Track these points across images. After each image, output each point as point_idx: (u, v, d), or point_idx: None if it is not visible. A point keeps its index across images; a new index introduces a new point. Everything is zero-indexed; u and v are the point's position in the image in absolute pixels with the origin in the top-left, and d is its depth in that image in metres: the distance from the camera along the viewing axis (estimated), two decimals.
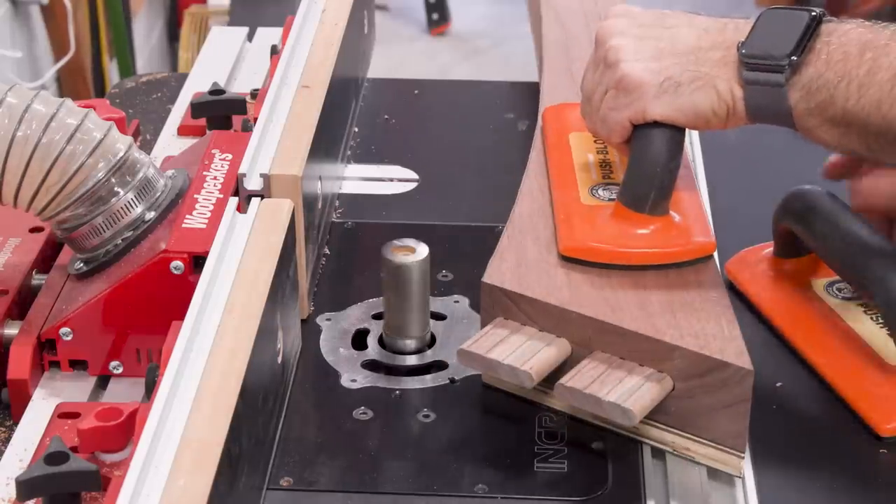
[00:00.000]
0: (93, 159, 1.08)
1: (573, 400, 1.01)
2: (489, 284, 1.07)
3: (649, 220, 1.09)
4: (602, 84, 1.11)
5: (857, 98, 1.01)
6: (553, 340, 1.04)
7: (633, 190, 1.10)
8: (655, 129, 1.08)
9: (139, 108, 1.54)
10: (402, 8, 4.31)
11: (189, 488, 0.83)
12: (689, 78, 1.06)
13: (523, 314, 1.06)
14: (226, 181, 1.16)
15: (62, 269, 1.14)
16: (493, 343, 1.04)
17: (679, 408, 1.01)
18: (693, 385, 1.00)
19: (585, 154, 1.20)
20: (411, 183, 1.41)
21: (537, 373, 1.02)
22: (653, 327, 1.02)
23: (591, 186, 1.15)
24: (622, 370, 1.01)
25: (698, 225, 1.11)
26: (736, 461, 1.01)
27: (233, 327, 0.96)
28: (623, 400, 0.98)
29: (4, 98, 1.07)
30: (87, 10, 3.01)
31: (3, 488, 0.99)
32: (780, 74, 1.03)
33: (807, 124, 1.04)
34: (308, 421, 1.08)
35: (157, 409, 0.88)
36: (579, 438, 1.05)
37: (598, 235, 1.09)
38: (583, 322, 1.04)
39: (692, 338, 1.01)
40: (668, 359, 1.01)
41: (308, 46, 1.35)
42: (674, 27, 1.10)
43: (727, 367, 0.99)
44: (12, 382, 1.08)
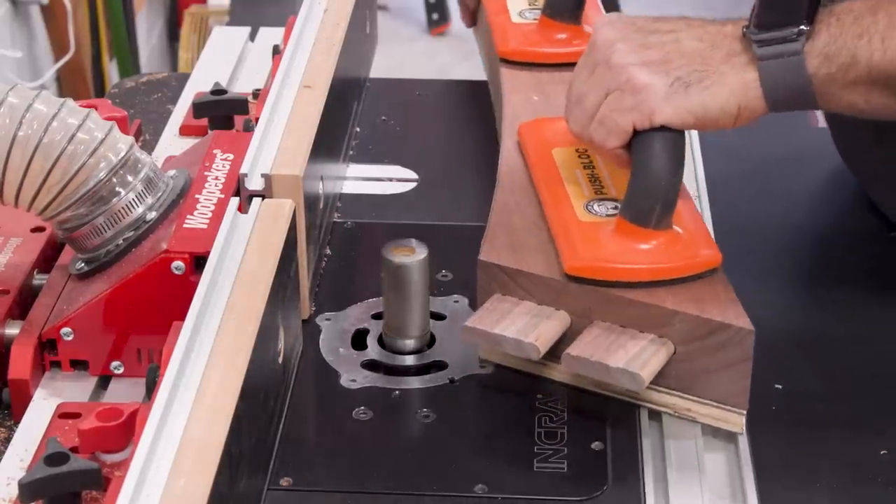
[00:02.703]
0: (94, 159, 1.08)
1: (580, 368, 1.03)
2: (486, 262, 1.09)
3: (654, 235, 1.07)
4: (600, 86, 1.09)
5: (883, 52, 1.02)
6: (553, 313, 1.06)
7: (637, 205, 1.08)
8: (659, 137, 1.06)
9: (139, 107, 1.55)
10: (402, 8, 4.31)
11: (189, 488, 0.83)
12: (697, 78, 1.05)
13: (521, 289, 1.08)
14: (227, 181, 1.16)
15: (63, 269, 1.14)
16: (496, 318, 1.06)
17: (680, 371, 1.04)
18: (694, 348, 1.03)
19: (573, 170, 1.18)
20: (411, 183, 1.41)
21: (543, 344, 1.04)
22: (651, 294, 1.04)
23: (585, 202, 1.14)
24: (624, 337, 1.03)
25: (702, 237, 1.10)
26: (737, 418, 1.03)
27: (233, 327, 0.97)
28: (631, 365, 1.00)
29: (6, 98, 1.07)
30: (87, 10, 3.01)
31: (4, 488, 0.99)
32: (795, 43, 1.03)
33: (829, 90, 1.04)
34: (308, 421, 1.08)
35: (158, 410, 0.88)
36: (579, 438, 1.05)
37: (604, 253, 1.07)
38: (582, 293, 1.05)
39: (691, 303, 1.03)
40: (669, 324, 1.03)
41: (310, 46, 1.35)
42: (673, 31, 1.09)
43: (728, 328, 1.01)
44: (13, 382, 1.08)
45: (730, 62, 1.05)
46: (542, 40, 1.43)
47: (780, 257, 1.31)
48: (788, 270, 1.30)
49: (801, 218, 1.39)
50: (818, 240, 1.35)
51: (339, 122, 1.39)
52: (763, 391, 1.10)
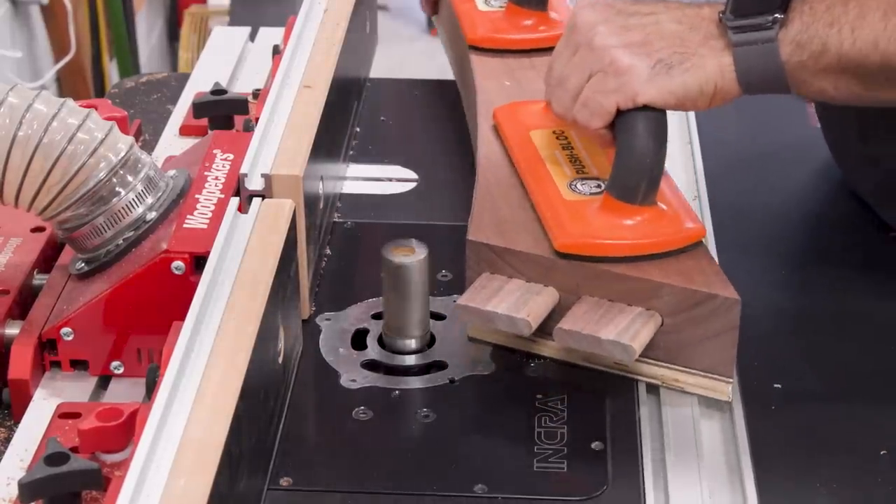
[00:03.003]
0: (94, 159, 1.08)
1: (572, 342, 1.05)
2: (475, 241, 1.11)
3: (640, 211, 1.10)
4: (582, 68, 1.11)
5: (853, 41, 1.04)
6: (542, 290, 1.09)
7: (624, 181, 1.10)
8: (642, 116, 1.08)
9: (139, 108, 1.55)
10: (402, 8, 4.31)
11: (189, 488, 0.83)
12: (678, 60, 1.07)
13: (510, 267, 1.10)
14: (227, 181, 1.16)
15: (63, 269, 1.14)
16: (486, 297, 1.08)
17: (668, 342, 1.07)
18: (681, 319, 1.06)
19: (552, 151, 1.21)
20: (411, 183, 1.41)
21: (534, 319, 1.06)
22: (639, 269, 1.07)
23: (568, 182, 1.16)
24: (613, 310, 1.06)
25: (685, 212, 1.13)
26: (724, 387, 1.07)
27: (233, 328, 0.97)
28: (622, 337, 1.03)
29: (6, 98, 1.07)
30: (87, 9, 3.02)
31: (4, 488, 0.99)
32: (769, 31, 1.06)
33: (800, 76, 1.06)
34: (308, 421, 1.09)
35: (158, 410, 0.88)
36: (579, 438, 1.05)
37: (592, 230, 1.10)
38: (571, 269, 1.08)
39: (678, 275, 1.06)
40: (657, 297, 1.06)
41: (310, 47, 1.35)
42: (652, 13, 1.11)
43: (715, 298, 1.04)
44: (13, 382, 1.08)
45: (707, 45, 1.08)
46: (509, 27, 1.46)
47: (779, 257, 1.31)
48: (788, 270, 1.30)
49: (800, 216, 1.39)
50: (817, 239, 1.35)
51: (339, 122, 1.39)
52: (763, 391, 1.11)
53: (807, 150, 1.45)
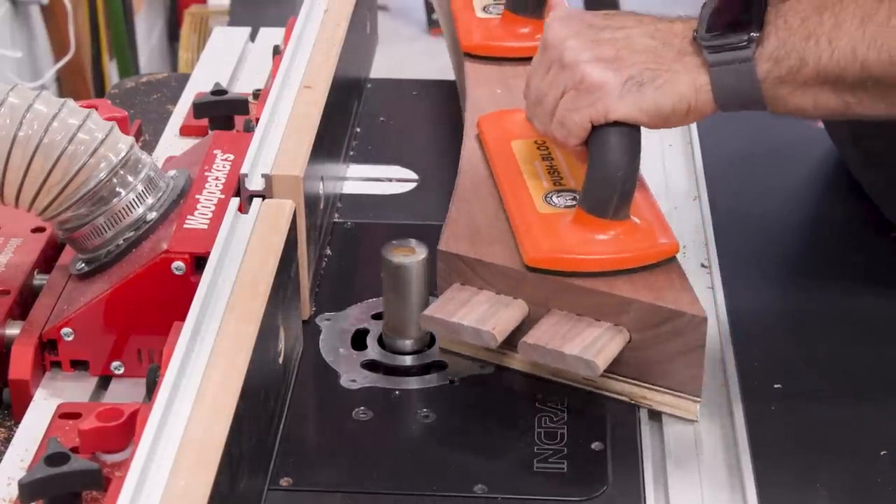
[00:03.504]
0: (94, 159, 1.08)
1: (537, 356, 1.04)
2: (445, 252, 1.10)
3: (612, 226, 1.09)
4: (557, 85, 1.09)
5: (830, 53, 1.02)
6: (511, 302, 1.08)
7: (595, 195, 1.09)
8: (614, 131, 1.07)
9: (139, 108, 1.55)
10: (402, 8, 4.31)
11: (190, 489, 0.83)
12: (650, 77, 1.06)
13: (480, 279, 1.09)
14: (227, 181, 1.16)
15: (64, 270, 1.15)
16: (454, 308, 1.08)
17: (636, 358, 1.06)
18: (649, 335, 1.05)
19: (532, 162, 1.20)
20: (411, 183, 1.41)
21: (500, 332, 1.05)
22: (607, 283, 1.06)
23: (544, 194, 1.15)
24: (581, 325, 1.05)
25: (659, 226, 1.11)
26: (692, 406, 1.06)
27: (234, 328, 0.97)
28: (586, 352, 1.02)
29: (6, 98, 1.07)
30: (87, 10, 3.02)
31: (5, 488, 0.99)
32: (746, 50, 1.04)
33: (778, 93, 1.05)
34: (308, 421, 1.09)
35: (158, 410, 0.88)
36: (579, 438, 1.05)
37: (563, 245, 1.08)
38: (541, 283, 1.07)
39: (646, 291, 1.05)
40: (625, 312, 1.05)
41: (310, 47, 1.35)
42: (625, 27, 1.09)
43: (682, 315, 1.03)
44: (14, 383, 1.08)
45: (681, 61, 1.06)
46: (505, 35, 1.44)
47: (779, 257, 1.31)
48: (788, 270, 1.30)
49: (800, 217, 1.39)
50: (818, 239, 1.35)
51: (340, 123, 1.39)
52: (763, 391, 1.11)
53: (807, 150, 1.46)
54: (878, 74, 1.02)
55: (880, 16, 1.01)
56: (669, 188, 1.38)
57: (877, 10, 1.02)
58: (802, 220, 1.39)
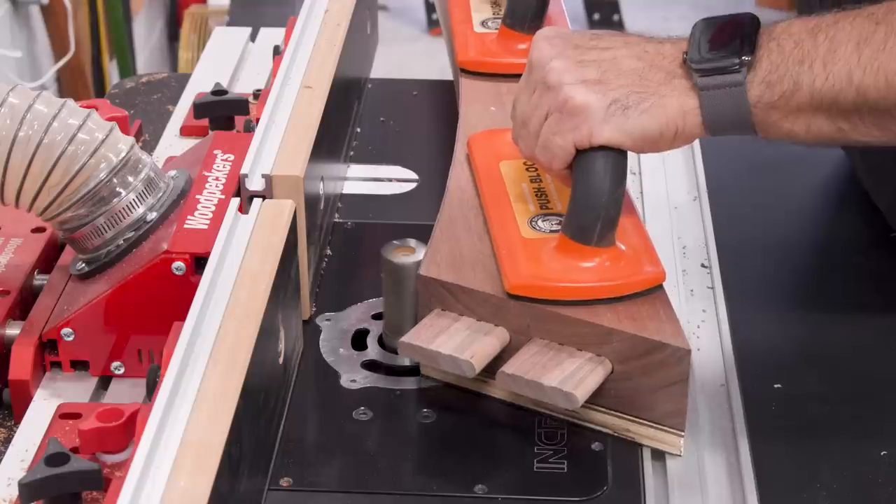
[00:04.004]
0: (94, 160, 1.08)
1: (515, 387, 1.02)
2: (426, 277, 1.08)
3: (596, 253, 1.06)
4: (541, 108, 1.07)
5: (825, 77, 0.99)
6: (491, 329, 1.06)
7: (578, 221, 1.06)
8: (599, 156, 1.04)
9: (139, 108, 1.55)
10: (402, 8, 4.31)
11: (190, 489, 0.83)
12: (636, 100, 1.03)
13: (461, 305, 1.07)
14: (227, 182, 1.16)
15: (64, 270, 1.15)
16: (432, 334, 1.05)
17: (619, 390, 1.03)
18: (632, 367, 1.02)
19: (519, 184, 1.17)
20: (411, 183, 1.41)
21: (478, 361, 1.03)
22: (590, 312, 1.03)
23: (529, 218, 1.12)
24: (562, 355, 1.03)
25: (646, 254, 1.08)
26: (676, 440, 1.03)
27: (234, 328, 0.97)
28: (565, 384, 1.00)
29: (6, 99, 1.07)
30: (87, 10, 3.01)
31: (5, 489, 0.99)
32: (737, 74, 1.01)
33: (770, 118, 1.02)
34: (308, 421, 1.09)
35: (158, 410, 0.88)
36: (579, 438, 1.05)
37: (544, 272, 1.05)
38: (522, 310, 1.05)
39: (629, 321, 1.02)
40: (607, 342, 1.02)
41: (310, 47, 1.35)
42: (611, 48, 1.06)
43: (665, 347, 1.00)
44: (14, 383, 1.08)
45: (670, 84, 1.03)
46: (501, 50, 1.41)
47: (778, 258, 1.31)
48: (787, 270, 1.30)
49: (801, 217, 1.39)
50: (818, 239, 1.35)
51: (340, 123, 1.39)
52: (763, 391, 1.11)
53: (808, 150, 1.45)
54: (874, 99, 0.99)
55: (877, 38, 0.99)
56: (669, 188, 1.38)
57: (873, 33, 0.99)
58: (803, 220, 1.39)
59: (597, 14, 4.17)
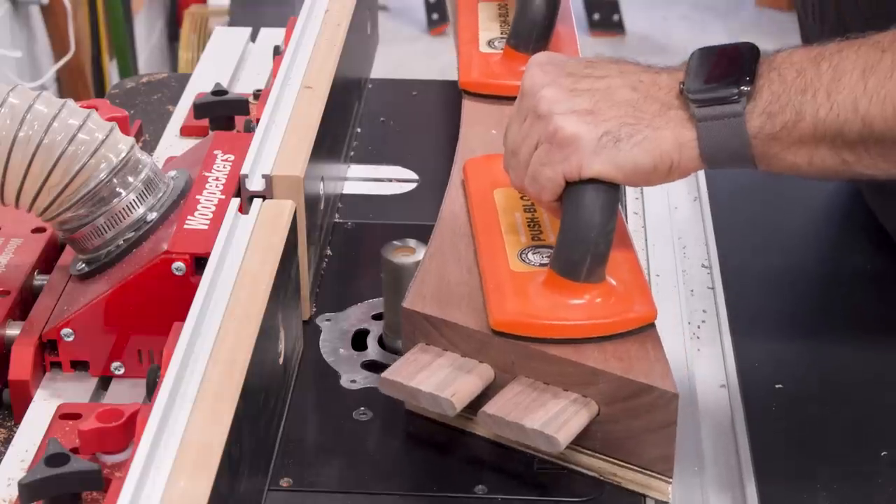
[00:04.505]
0: (94, 160, 1.08)
1: (496, 428, 0.98)
2: (409, 310, 1.04)
3: (585, 289, 1.01)
4: (531, 137, 1.03)
5: (829, 106, 0.96)
6: (475, 366, 1.02)
7: (566, 257, 1.02)
8: (590, 189, 1.00)
9: (139, 108, 1.55)
10: (402, 8, 4.31)
11: (190, 490, 0.83)
12: (628, 133, 0.99)
13: (445, 339, 1.03)
14: (228, 182, 1.16)
15: (64, 270, 1.15)
16: (414, 370, 1.01)
17: (605, 432, 0.99)
18: (618, 409, 0.98)
19: (512, 213, 1.13)
20: (411, 183, 1.41)
21: (459, 400, 0.99)
22: (576, 351, 0.99)
23: (520, 250, 1.08)
24: (546, 395, 0.99)
25: (638, 291, 1.04)
26: (664, 486, 0.99)
27: (234, 328, 0.97)
28: (547, 427, 0.96)
29: (6, 99, 1.07)
30: (87, 10, 3.01)
31: (5, 489, 0.99)
32: (736, 105, 0.97)
33: (770, 150, 0.98)
34: (308, 422, 1.09)
35: (158, 411, 0.88)
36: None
37: (531, 308, 1.01)
38: (507, 347, 1.01)
39: (616, 361, 0.98)
40: (593, 383, 0.98)
41: (311, 47, 1.35)
42: (605, 77, 1.03)
43: (652, 390, 0.96)
44: (14, 383, 1.08)
45: (665, 116, 1.00)
46: (505, 72, 1.37)
47: (778, 258, 1.31)
48: (787, 270, 1.30)
49: (801, 216, 1.39)
50: (818, 239, 1.35)
51: (340, 123, 1.39)
52: (763, 391, 1.11)
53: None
54: (880, 130, 0.95)
55: (883, 67, 0.95)
56: (670, 188, 1.38)
57: (879, 61, 0.95)
58: (803, 220, 1.39)
59: (597, 14, 4.17)
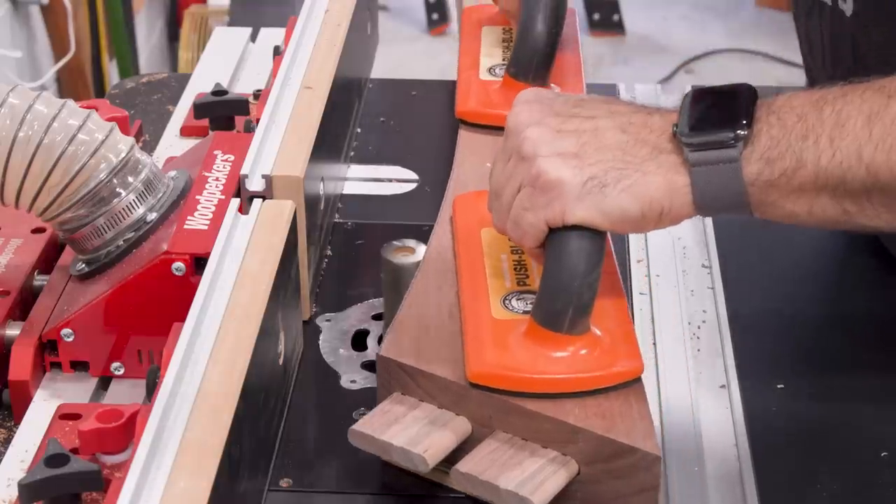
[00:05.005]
0: (94, 160, 1.08)
1: (470, 487, 0.93)
2: (385, 358, 0.99)
3: (567, 341, 0.96)
4: (514, 178, 0.98)
5: (832, 153, 0.91)
6: (452, 419, 0.97)
7: (548, 307, 0.97)
8: (573, 236, 0.95)
9: (139, 108, 1.55)
10: (402, 8, 4.31)
11: (189, 490, 0.83)
12: (615, 178, 0.94)
13: (422, 390, 0.98)
14: (228, 182, 1.16)
15: (64, 270, 1.14)
16: (387, 423, 0.97)
17: (586, 493, 0.94)
18: (599, 470, 0.93)
19: (499, 254, 1.07)
20: (411, 183, 1.41)
21: (432, 457, 0.94)
22: (556, 406, 0.94)
23: (503, 296, 1.03)
24: (524, 453, 0.94)
25: (624, 343, 0.98)
26: None
27: (234, 329, 0.97)
28: (522, 488, 0.91)
29: (6, 99, 1.07)
30: (87, 10, 3.01)
31: (5, 489, 0.99)
32: (732, 149, 0.93)
33: (768, 198, 0.94)
34: (308, 422, 1.09)
35: (158, 411, 0.88)
36: None
37: (510, 360, 0.96)
38: (484, 400, 0.96)
39: (598, 418, 0.94)
40: (573, 441, 0.93)
41: (311, 47, 1.35)
42: (594, 117, 0.98)
43: (634, 451, 0.92)
44: (14, 384, 1.08)
45: (656, 160, 0.95)
46: (503, 102, 1.29)
47: (779, 257, 1.31)
48: (788, 270, 1.30)
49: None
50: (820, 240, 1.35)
51: (340, 123, 1.39)
52: (763, 391, 1.11)
53: None
54: (886, 180, 0.91)
55: (890, 113, 0.91)
56: None
57: (885, 107, 0.91)
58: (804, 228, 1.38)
59: (597, 14, 4.16)
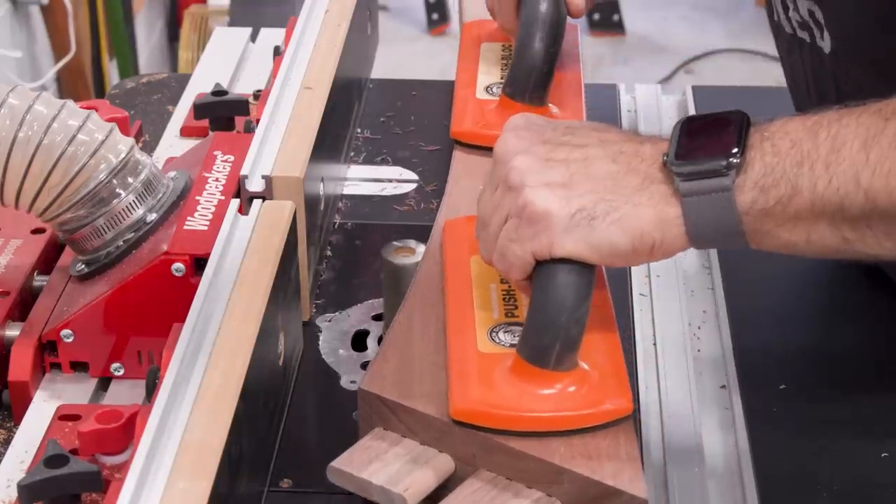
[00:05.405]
0: (94, 161, 1.08)
1: None
2: (366, 392, 0.96)
3: (554, 377, 0.93)
4: (501, 208, 0.95)
5: (828, 179, 0.88)
6: (434, 456, 0.93)
7: (534, 342, 0.93)
8: (561, 269, 0.92)
9: (139, 108, 1.54)
10: (402, 8, 4.31)
11: (189, 491, 0.83)
12: (604, 210, 0.91)
13: (404, 425, 0.95)
14: (227, 183, 1.16)
15: (63, 271, 1.14)
16: (367, 460, 0.93)
17: None
18: None
19: (488, 284, 1.04)
20: (411, 183, 1.41)
21: (413, 496, 0.90)
22: (541, 445, 0.91)
23: (490, 328, 0.99)
24: (507, 494, 0.90)
25: (614, 380, 0.95)
26: None
27: (234, 329, 0.97)
28: None
29: (6, 99, 1.07)
30: (87, 10, 3.02)
31: (4, 490, 0.99)
32: (724, 178, 0.90)
33: (764, 227, 0.91)
34: (308, 422, 1.09)
35: (158, 412, 0.88)
36: None
37: (493, 397, 0.93)
38: (467, 438, 0.92)
39: (584, 458, 0.90)
40: (557, 482, 0.90)
41: (311, 47, 1.35)
42: (584, 146, 0.95)
43: (620, 494, 0.88)
44: (13, 384, 1.08)
45: (647, 191, 0.92)
46: (499, 123, 1.17)
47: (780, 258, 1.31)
48: (788, 270, 1.30)
49: None
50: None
51: (340, 124, 1.39)
52: (764, 391, 1.11)
53: None
54: (884, 206, 0.88)
55: (887, 137, 0.88)
56: None
57: (882, 130, 0.88)
58: None
59: (597, 14, 4.16)
